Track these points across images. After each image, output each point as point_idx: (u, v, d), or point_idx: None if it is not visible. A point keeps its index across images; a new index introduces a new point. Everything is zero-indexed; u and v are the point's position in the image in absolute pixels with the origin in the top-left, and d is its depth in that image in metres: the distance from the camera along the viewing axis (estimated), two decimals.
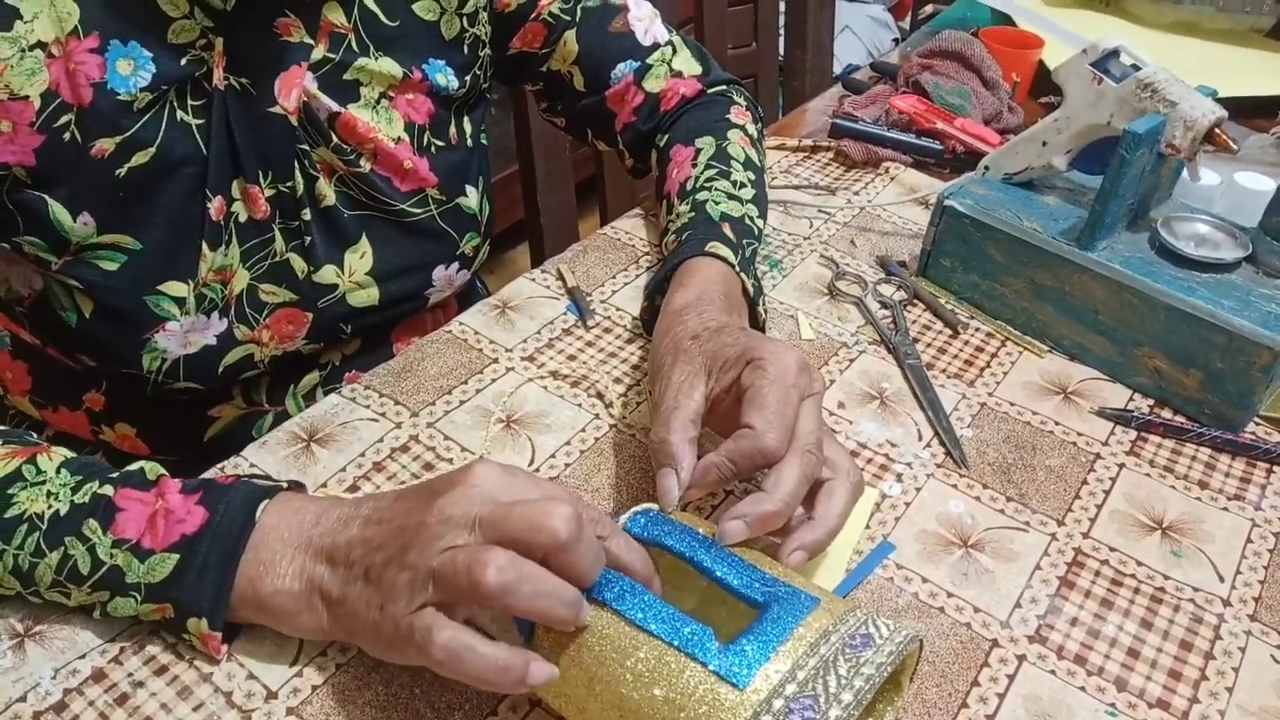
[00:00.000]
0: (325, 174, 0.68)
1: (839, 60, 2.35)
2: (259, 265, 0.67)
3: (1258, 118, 1.06)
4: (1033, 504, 0.63)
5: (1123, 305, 0.70)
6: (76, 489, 0.50)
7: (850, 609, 0.45)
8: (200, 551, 0.49)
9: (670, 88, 0.83)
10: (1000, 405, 0.70)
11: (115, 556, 0.49)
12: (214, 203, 0.63)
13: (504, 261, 2.26)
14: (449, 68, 0.72)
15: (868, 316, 0.78)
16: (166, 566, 0.49)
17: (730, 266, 0.67)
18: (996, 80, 1.06)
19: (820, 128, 1.05)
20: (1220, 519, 0.62)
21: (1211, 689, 0.52)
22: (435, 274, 0.76)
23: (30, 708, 0.49)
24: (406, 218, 0.72)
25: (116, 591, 0.49)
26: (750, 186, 0.76)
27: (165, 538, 0.49)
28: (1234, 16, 1.23)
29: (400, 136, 0.70)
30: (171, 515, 0.50)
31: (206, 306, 0.65)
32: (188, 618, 0.49)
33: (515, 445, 0.65)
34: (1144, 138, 0.67)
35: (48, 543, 0.49)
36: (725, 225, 0.70)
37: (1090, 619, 0.56)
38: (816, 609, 0.44)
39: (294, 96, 0.63)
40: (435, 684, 0.50)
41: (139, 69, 0.58)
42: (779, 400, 0.52)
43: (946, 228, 0.79)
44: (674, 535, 0.49)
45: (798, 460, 0.51)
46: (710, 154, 0.78)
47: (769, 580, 0.46)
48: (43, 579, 0.50)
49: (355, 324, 0.73)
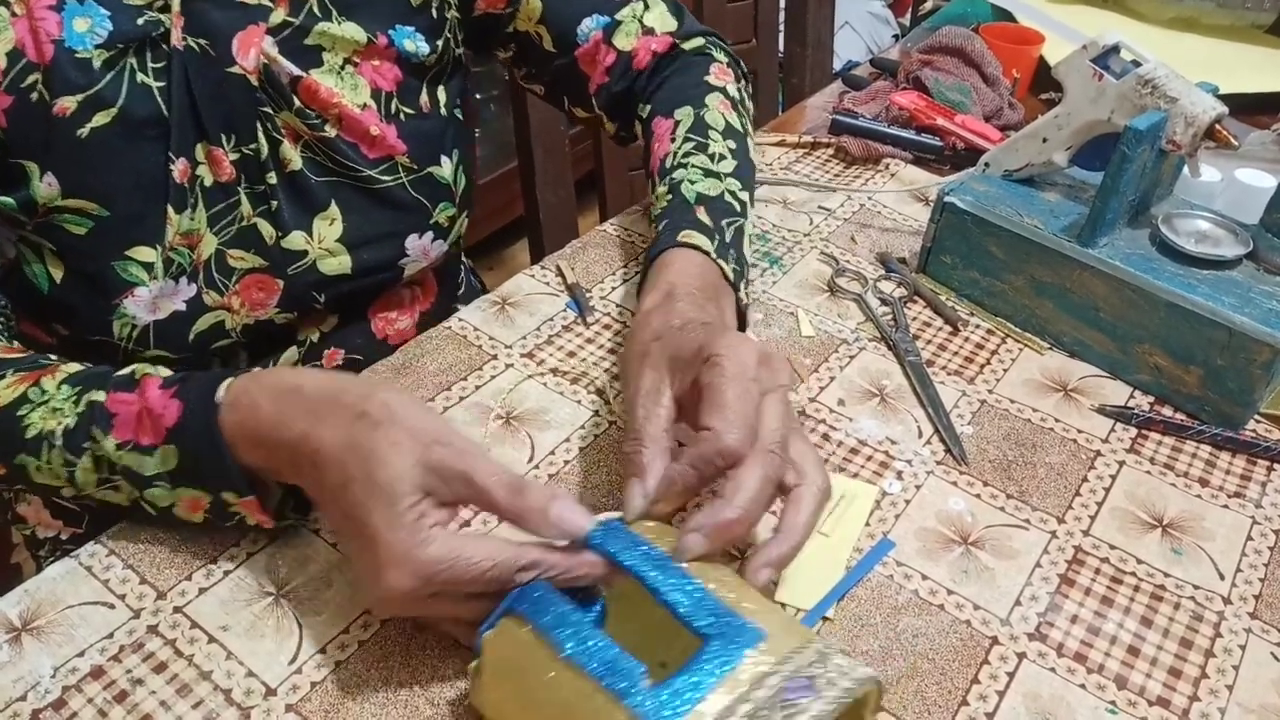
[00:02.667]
0: (290, 138, 0.67)
1: (839, 56, 2.35)
2: (227, 229, 0.67)
3: (1259, 114, 1.06)
4: (1033, 501, 0.63)
5: (1123, 302, 0.70)
6: (77, 400, 0.53)
7: (799, 647, 0.42)
8: (189, 436, 0.51)
9: (642, 45, 0.80)
10: (1000, 402, 0.70)
11: (124, 457, 0.52)
12: (177, 165, 0.63)
13: (503, 258, 2.26)
14: (418, 34, 0.71)
15: (868, 313, 0.78)
16: (172, 457, 0.52)
17: (706, 254, 0.64)
18: (997, 76, 1.06)
19: (820, 124, 1.05)
20: (1221, 516, 0.62)
21: (1212, 687, 0.52)
22: (409, 243, 0.74)
23: (29, 705, 0.49)
24: (375, 185, 0.71)
25: (146, 485, 0.53)
26: (731, 157, 0.73)
27: (155, 433, 0.52)
28: (1234, 12, 1.23)
29: (366, 103, 0.69)
30: (151, 412, 0.52)
31: (174, 271, 0.65)
32: (220, 492, 0.52)
33: (514, 442, 0.65)
34: (1145, 134, 0.66)
35: (72, 453, 0.53)
36: (701, 209, 0.68)
37: (1090, 616, 0.56)
38: (758, 646, 0.41)
39: (252, 56, 0.63)
40: (435, 679, 0.50)
41: (95, 26, 0.58)
42: (737, 398, 0.49)
43: (947, 224, 0.79)
44: (629, 550, 0.46)
45: (758, 462, 0.48)
46: (688, 125, 0.75)
47: (717, 609, 0.43)
48: (87, 481, 0.54)
49: (328, 293, 0.72)
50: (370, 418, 0.47)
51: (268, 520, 0.54)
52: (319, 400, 0.49)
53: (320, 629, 0.53)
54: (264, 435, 0.50)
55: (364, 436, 0.46)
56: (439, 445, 0.46)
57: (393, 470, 0.45)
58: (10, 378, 0.55)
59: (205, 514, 0.54)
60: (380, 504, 0.45)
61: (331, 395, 0.49)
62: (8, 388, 0.55)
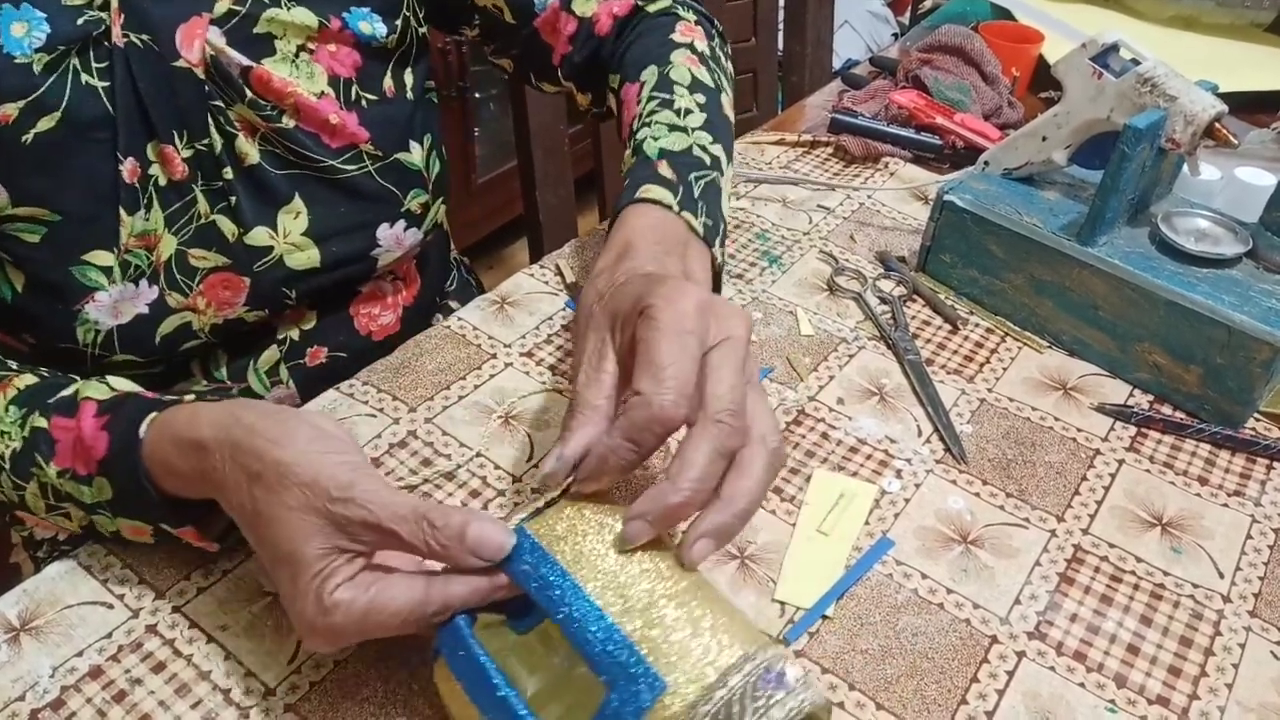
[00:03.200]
0: (246, 131, 0.65)
1: (838, 55, 2.34)
2: (185, 229, 0.65)
3: (1258, 113, 1.06)
4: (1032, 500, 0.63)
5: (1123, 301, 0.70)
6: (23, 424, 0.53)
7: (707, 692, 0.38)
8: (116, 472, 0.51)
9: (603, 9, 0.78)
10: (1000, 401, 0.70)
11: (64, 485, 0.52)
12: (126, 165, 0.61)
13: (502, 257, 2.26)
14: (374, 14, 0.69)
15: (867, 312, 0.78)
16: (107, 489, 0.51)
17: (668, 209, 0.59)
18: (996, 75, 1.06)
19: (819, 123, 1.05)
20: (1220, 515, 0.62)
21: (1211, 685, 0.52)
22: (380, 233, 0.72)
23: (28, 705, 0.49)
24: (339, 174, 0.69)
25: (90, 511, 0.52)
26: (700, 111, 0.69)
27: (89, 463, 0.51)
28: (1233, 11, 1.23)
29: (323, 90, 0.67)
30: (83, 442, 0.51)
31: (133, 274, 0.64)
32: (158, 522, 0.51)
33: (513, 441, 0.65)
34: (1144, 133, 0.66)
35: (21, 477, 0.53)
36: (663, 163, 0.63)
37: (1090, 615, 0.56)
38: (659, 701, 0.38)
39: (196, 48, 0.61)
40: (433, 680, 0.50)
41: (33, 30, 0.57)
42: (672, 355, 0.44)
43: (946, 223, 0.78)
44: (531, 566, 0.43)
45: (705, 435, 0.43)
46: (652, 84, 0.71)
47: (618, 645, 0.40)
48: (36, 507, 0.53)
49: (299, 288, 0.70)
50: (264, 481, 0.45)
51: (211, 546, 0.53)
52: (219, 458, 0.47)
53: None
54: (182, 479, 0.49)
55: (263, 503, 0.45)
56: (336, 501, 0.43)
57: (292, 541, 0.44)
58: None
59: (153, 538, 0.53)
60: (285, 573, 0.44)
61: (229, 453, 0.46)
62: None
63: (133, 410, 0.51)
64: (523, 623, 0.45)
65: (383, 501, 0.43)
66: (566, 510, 0.45)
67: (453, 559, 0.43)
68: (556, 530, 0.44)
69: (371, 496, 0.43)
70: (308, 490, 0.44)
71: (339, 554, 0.44)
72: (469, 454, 0.64)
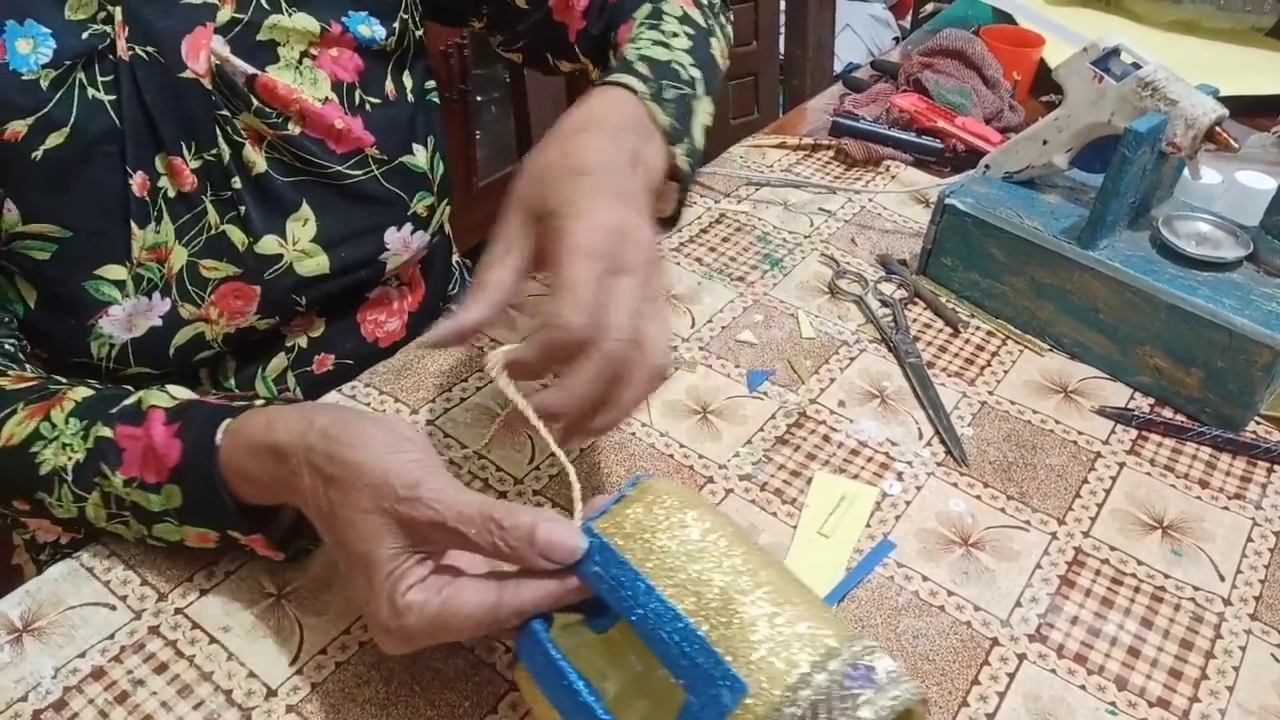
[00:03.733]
0: (252, 140, 0.65)
1: (839, 59, 2.35)
2: (195, 240, 0.65)
3: (1259, 116, 1.06)
4: (1033, 503, 0.63)
5: (1124, 304, 0.70)
6: (85, 435, 0.53)
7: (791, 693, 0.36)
8: (190, 479, 0.51)
9: None
10: (1001, 404, 0.70)
11: (131, 494, 0.52)
12: (135, 178, 0.61)
13: None
14: (372, 17, 0.69)
15: (868, 315, 0.78)
16: (177, 495, 0.51)
17: (633, 93, 0.58)
18: (997, 79, 1.06)
19: (821, 126, 1.05)
20: (1221, 518, 0.62)
21: (1212, 688, 0.52)
22: (388, 237, 0.72)
23: (31, 706, 0.49)
24: (345, 180, 0.69)
25: (154, 520, 0.52)
26: (685, 38, 0.69)
27: (159, 471, 0.51)
28: (1234, 15, 1.23)
29: (328, 96, 0.67)
30: (155, 450, 0.51)
31: (146, 287, 0.64)
32: (225, 529, 0.51)
33: (515, 443, 0.65)
34: (1145, 136, 0.66)
35: (83, 489, 0.52)
36: (641, 64, 0.62)
37: (1091, 618, 0.56)
38: (741, 704, 0.37)
39: (203, 59, 0.61)
40: (435, 681, 0.50)
41: (39, 46, 0.57)
42: (579, 279, 0.45)
43: (947, 226, 0.79)
44: (602, 568, 0.42)
45: (595, 356, 0.45)
46: (645, 14, 0.72)
47: (696, 647, 0.39)
48: (97, 518, 0.53)
49: (309, 295, 0.70)
50: (337, 483, 0.45)
51: (276, 555, 0.53)
52: (295, 463, 0.47)
53: (321, 630, 0.53)
54: (258, 485, 0.50)
55: (337, 505, 0.45)
56: (403, 500, 0.43)
57: (365, 542, 0.44)
58: (21, 413, 0.55)
59: (216, 545, 0.53)
60: (360, 575, 0.45)
61: (305, 457, 0.47)
62: (19, 424, 0.54)
63: (205, 417, 0.51)
64: (601, 621, 0.45)
65: (449, 501, 0.43)
66: (634, 507, 0.44)
67: (522, 561, 0.43)
68: (625, 528, 0.44)
69: (438, 495, 0.43)
70: (377, 490, 0.44)
71: (409, 555, 0.44)
72: (470, 455, 0.64)
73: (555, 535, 0.42)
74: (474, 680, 0.51)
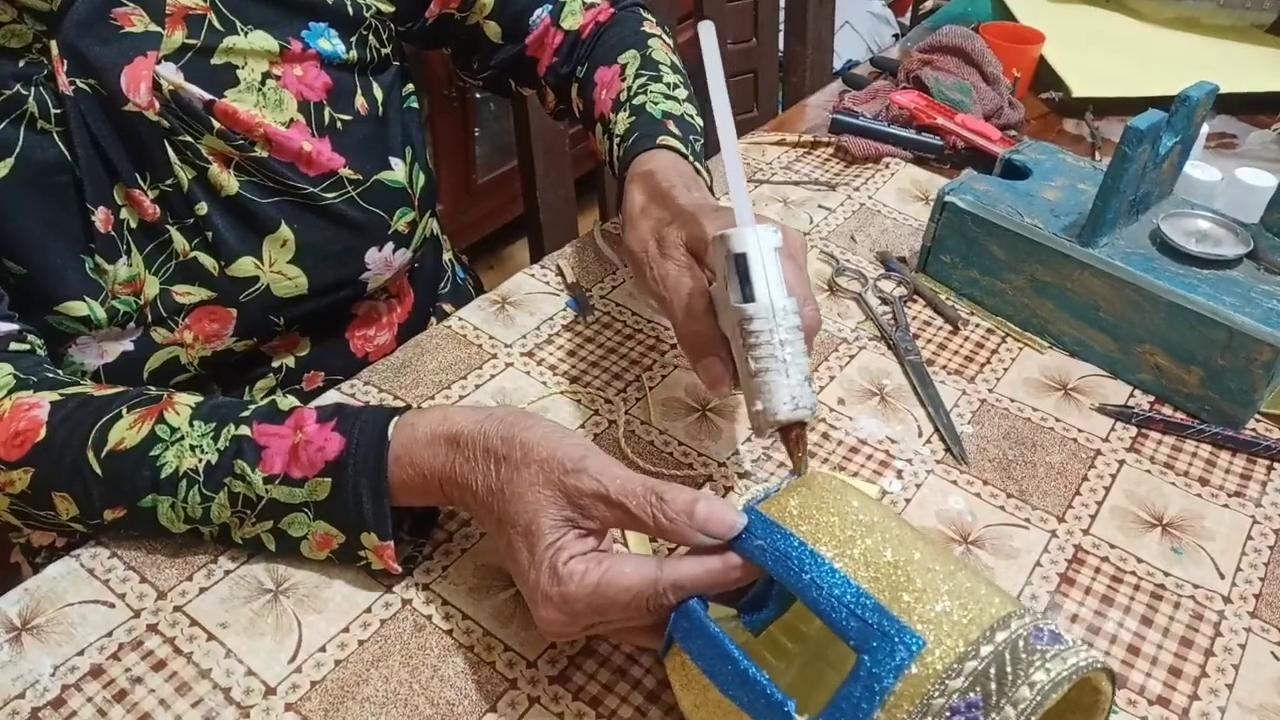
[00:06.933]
0: (219, 162, 0.63)
1: (839, 56, 2.34)
2: (165, 267, 0.64)
3: (1259, 113, 1.06)
4: (1033, 500, 0.63)
5: (1124, 302, 0.70)
6: (217, 436, 0.53)
7: (970, 648, 0.36)
8: (348, 473, 0.51)
9: (588, 18, 0.80)
10: (1000, 401, 0.70)
11: (271, 490, 0.52)
12: (98, 215, 0.60)
13: (503, 257, 2.27)
14: (331, 30, 0.67)
15: (868, 312, 0.78)
16: (324, 489, 0.52)
17: (681, 156, 0.65)
18: (997, 75, 1.06)
19: (820, 123, 1.05)
20: (1221, 516, 0.62)
21: (1212, 686, 0.52)
22: (369, 257, 0.71)
23: (29, 704, 0.49)
24: (321, 201, 0.67)
25: (283, 514, 0.53)
26: (683, 88, 0.75)
27: (311, 465, 0.52)
28: (1235, 12, 1.23)
29: (293, 118, 0.65)
30: (311, 445, 0.52)
31: (121, 319, 0.63)
32: (360, 533, 0.52)
33: None
34: (1145, 133, 0.66)
35: (212, 489, 0.53)
36: (669, 122, 0.69)
37: (1091, 616, 0.56)
38: (917, 659, 0.36)
39: (144, 91, 0.60)
40: (434, 679, 0.50)
41: None
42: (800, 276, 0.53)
43: (947, 224, 0.78)
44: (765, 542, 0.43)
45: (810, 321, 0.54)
46: (637, 65, 0.75)
47: (868, 609, 0.38)
48: (220, 517, 0.54)
49: (287, 315, 0.69)
50: (509, 460, 0.49)
51: (395, 568, 0.53)
52: (470, 448, 0.50)
53: (320, 627, 0.53)
54: (417, 482, 0.51)
55: (505, 480, 0.48)
56: (570, 473, 0.47)
57: (529, 513, 0.47)
58: (128, 416, 0.54)
59: (330, 554, 0.54)
60: (523, 545, 0.47)
61: (482, 442, 0.50)
62: (131, 427, 0.54)
63: (368, 415, 0.53)
64: (756, 618, 0.45)
65: (613, 474, 0.46)
66: (798, 491, 0.45)
67: (680, 535, 0.45)
68: (790, 509, 0.44)
69: (603, 469, 0.47)
70: (545, 465, 0.47)
71: (571, 527, 0.47)
72: None
73: (715, 510, 0.45)
74: (473, 679, 0.51)
